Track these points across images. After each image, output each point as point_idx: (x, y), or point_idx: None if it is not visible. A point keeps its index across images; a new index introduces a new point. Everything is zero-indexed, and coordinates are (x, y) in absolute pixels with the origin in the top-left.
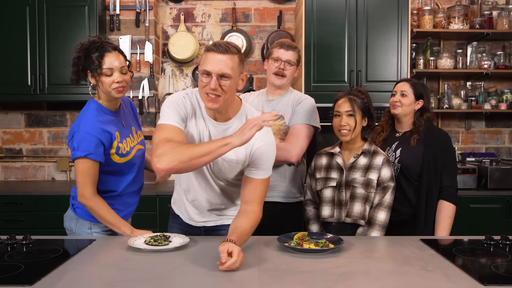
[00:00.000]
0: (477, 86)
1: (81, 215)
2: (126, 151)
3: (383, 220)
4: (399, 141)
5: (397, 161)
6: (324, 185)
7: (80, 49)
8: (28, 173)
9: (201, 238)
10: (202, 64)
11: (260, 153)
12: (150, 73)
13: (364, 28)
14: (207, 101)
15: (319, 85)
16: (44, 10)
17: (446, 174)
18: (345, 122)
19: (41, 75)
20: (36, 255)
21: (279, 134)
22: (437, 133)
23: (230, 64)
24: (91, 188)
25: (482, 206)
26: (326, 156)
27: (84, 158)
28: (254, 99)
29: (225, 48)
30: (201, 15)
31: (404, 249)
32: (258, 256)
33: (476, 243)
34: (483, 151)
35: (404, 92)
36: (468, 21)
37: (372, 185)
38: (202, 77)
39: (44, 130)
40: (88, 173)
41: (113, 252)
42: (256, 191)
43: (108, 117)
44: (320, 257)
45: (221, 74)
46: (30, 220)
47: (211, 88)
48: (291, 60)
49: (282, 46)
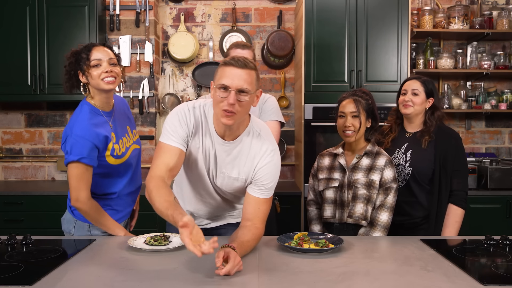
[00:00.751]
0: (477, 86)
1: (79, 217)
2: (122, 152)
3: (385, 221)
4: (409, 143)
5: (408, 164)
6: (326, 185)
7: (70, 55)
8: (28, 173)
9: None
10: (220, 79)
11: (264, 173)
12: (150, 73)
13: (364, 28)
14: (222, 116)
15: (319, 85)
16: (44, 10)
17: (457, 177)
18: (350, 123)
19: (41, 75)
20: (36, 255)
21: None
22: (448, 133)
23: (248, 79)
24: (85, 192)
25: (482, 206)
26: (329, 156)
27: (77, 163)
28: None
29: (244, 63)
30: (201, 15)
31: (404, 249)
32: (258, 256)
33: (476, 243)
34: (483, 151)
35: (415, 91)
36: (468, 21)
37: (374, 186)
38: (219, 91)
39: (44, 130)
40: (81, 178)
41: (113, 252)
42: (258, 210)
43: (102, 119)
44: (320, 257)
45: (240, 89)
46: (30, 220)
47: (229, 103)
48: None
49: (237, 46)
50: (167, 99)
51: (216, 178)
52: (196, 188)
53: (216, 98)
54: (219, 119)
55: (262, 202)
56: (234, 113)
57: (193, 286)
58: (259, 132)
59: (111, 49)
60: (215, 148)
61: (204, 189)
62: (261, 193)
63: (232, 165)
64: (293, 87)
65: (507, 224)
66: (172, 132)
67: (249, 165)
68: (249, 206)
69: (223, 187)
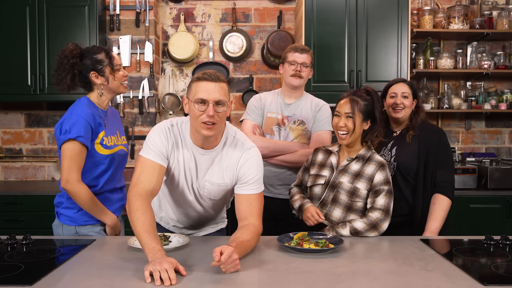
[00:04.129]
0: (477, 86)
1: (64, 221)
2: (110, 145)
3: (374, 217)
4: (395, 140)
5: (393, 159)
6: (314, 182)
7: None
8: (28, 173)
9: (201, 238)
10: (196, 94)
11: (247, 168)
12: (150, 73)
13: (364, 28)
14: (203, 129)
15: (319, 85)
16: (44, 10)
17: (441, 169)
18: (343, 123)
19: (41, 75)
20: (36, 255)
21: (303, 138)
22: (431, 129)
23: (222, 91)
24: (76, 174)
25: (482, 206)
26: (323, 153)
27: (74, 141)
28: (272, 99)
29: (216, 76)
30: (201, 15)
31: (404, 249)
32: (258, 256)
33: (476, 243)
34: (483, 151)
35: (405, 94)
36: (468, 21)
37: (358, 194)
38: (197, 106)
39: (44, 130)
40: (75, 159)
41: (113, 252)
42: (251, 206)
43: (97, 112)
44: (320, 257)
45: (217, 101)
46: (30, 220)
47: (209, 115)
48: (306, 62)
49: (296, 50)
50: (167, 99)
51: (201, 189)
52: (178, 202)
53: (194, 112)
54: (198, 132)
55: (253, 198)
56: (214, 124)
57: (193, 286)
58: (234, 136)
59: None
60: (195, 158)
61: (185, 202)
62: (249, 189)
63: (215, 172)
64: None
65: (507, 224)
66: (153, 147)
67: (231, 167)
68: (241, 206)
69: (211, 195)
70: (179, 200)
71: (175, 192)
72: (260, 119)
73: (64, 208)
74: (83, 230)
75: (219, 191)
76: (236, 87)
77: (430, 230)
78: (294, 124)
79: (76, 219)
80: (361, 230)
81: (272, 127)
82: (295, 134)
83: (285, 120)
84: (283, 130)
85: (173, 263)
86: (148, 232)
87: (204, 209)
